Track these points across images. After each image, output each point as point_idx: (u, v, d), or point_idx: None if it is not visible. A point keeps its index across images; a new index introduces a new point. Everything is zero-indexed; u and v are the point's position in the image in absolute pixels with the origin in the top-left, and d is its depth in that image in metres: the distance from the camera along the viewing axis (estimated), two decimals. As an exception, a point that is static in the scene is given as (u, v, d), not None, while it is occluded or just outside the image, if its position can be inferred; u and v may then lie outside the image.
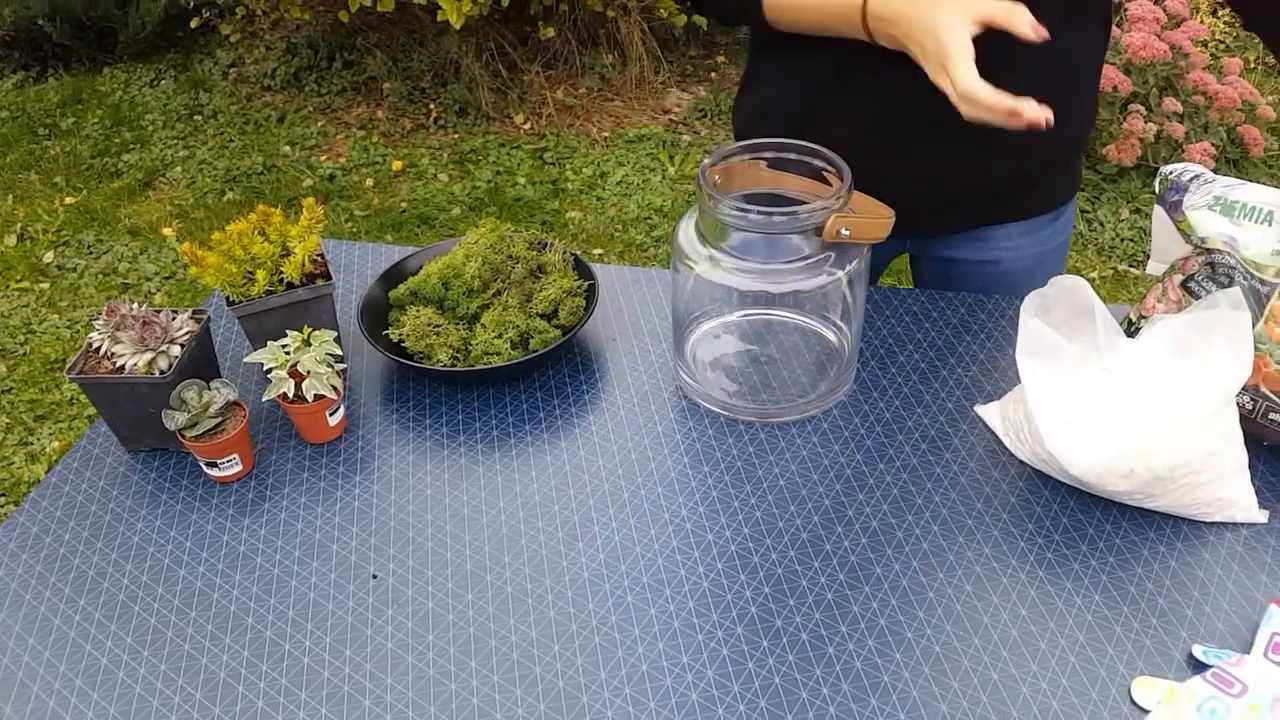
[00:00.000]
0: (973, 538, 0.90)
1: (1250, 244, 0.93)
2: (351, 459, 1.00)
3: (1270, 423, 0.94)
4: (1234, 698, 0.77)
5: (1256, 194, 0.95)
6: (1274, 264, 0.92)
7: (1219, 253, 0.95)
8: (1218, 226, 0.95)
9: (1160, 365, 0.90)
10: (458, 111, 3.63)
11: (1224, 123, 3.24)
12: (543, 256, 1.13)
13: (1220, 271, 0.95)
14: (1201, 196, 0.97)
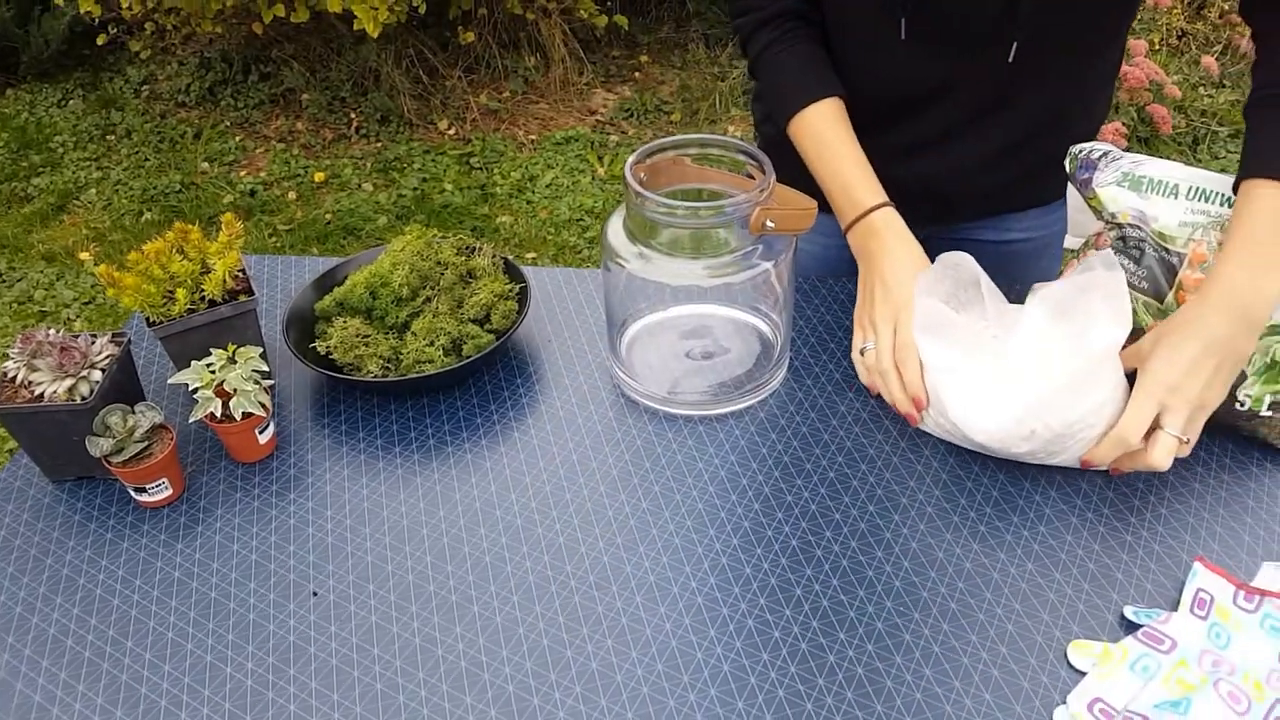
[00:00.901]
0: (907, 515, 0.92)
1: (1158, 217, 0.96)
2: (285, 476, 0.99)
3: None
4: (1164, 654, 0.79)
5: (1162, 169, 0.98)
6: (1182, 235, 0.95)
7: (1130, 226, 0.98)
8: (1127, 201, 0.98)
9: (1046, 329, 0.94)
10: (379, 120, 3.59)
11: (1133, 103, 3.33)
12: (472, 261, 1.12)
13: (1131, 244, 0.98)
14: (1110, 173, 1.00)
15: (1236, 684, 0.77)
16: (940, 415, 0.95)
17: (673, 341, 1.10)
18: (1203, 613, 0.82)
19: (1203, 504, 0.93)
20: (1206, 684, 0.77)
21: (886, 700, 0.77)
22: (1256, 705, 0.75)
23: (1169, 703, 0.76)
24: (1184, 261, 0.95)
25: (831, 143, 1.09)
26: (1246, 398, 0.94)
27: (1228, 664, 0.78)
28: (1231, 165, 3.46)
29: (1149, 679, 0.78)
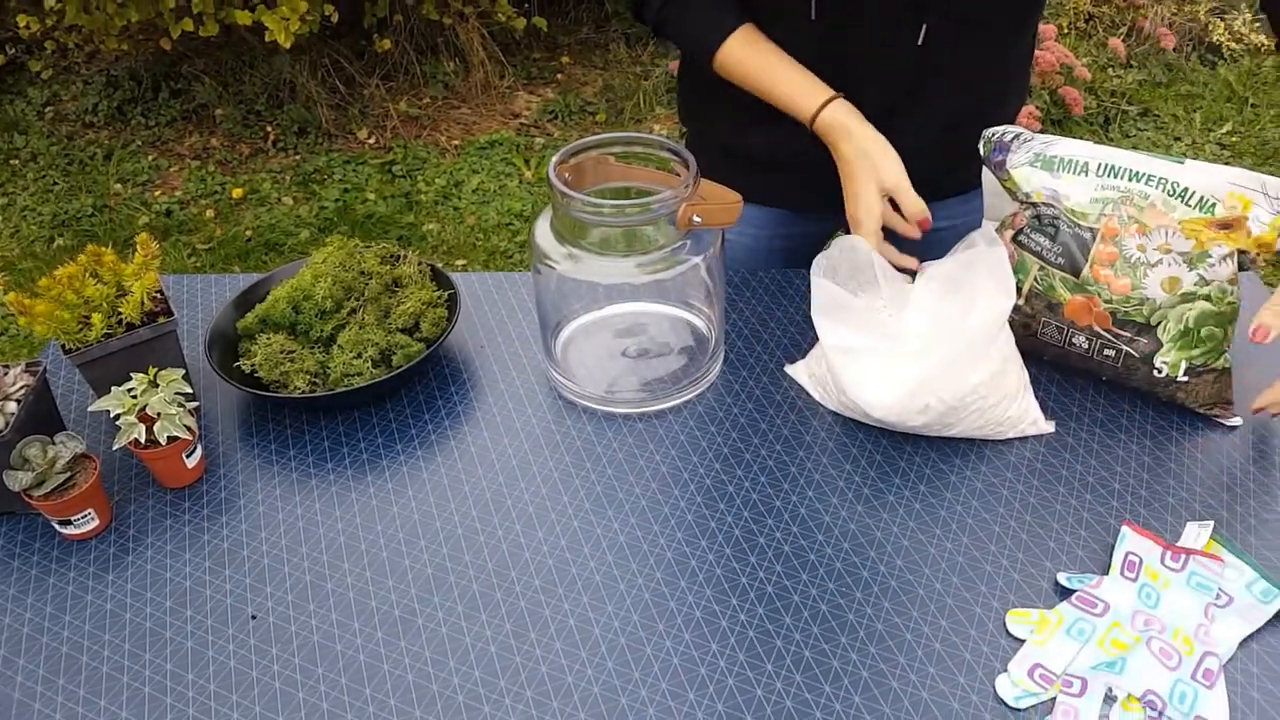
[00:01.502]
0: (845, 498, 0.93)
1: (1071, 195, 0.99)
2: (215, 500, 0.97)
3: (1105, 359, 1.00)
4: (1098, 617, 0.82)
5: (1072, 148, 1.01)
6: (1094, 211, 0.98)
7: (1044, 205, 1.01)
8: (1040, 181, 1.01)
9: (936, 306, 0.98)
10: (297, 132, 3.53)
11: (1045, 86, 3.41)
12: (397, 270, 1.11)
13: (1046, 223, 1.00)
14: (1023, 155, 1.02)
15: (1167, 641, 0.79)
16: (841, 394, 0.98)
17: (608, 341, 1.10)
18: (1132, 574, 0.84)
19: (1127, 470, 0.96)
20: (1139, 643, 0.79)
21: (834, 680, 0.78)
22: (1186, 660, 0.78)
23: (1105, 663, 0.78)
24: (1096, 236, 0.97)
25: (764, 63, 1.10)
26: (1164, 364, 0.98)
27: (1159, 622, 0.81)
28: (1143, 143, 3.57)
29: (1085, 642, 0.80)
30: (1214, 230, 0.93)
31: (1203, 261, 0.94)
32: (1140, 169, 0.96)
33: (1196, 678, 0.77)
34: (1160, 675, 0.77)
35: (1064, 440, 0.99)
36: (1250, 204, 0.93)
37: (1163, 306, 0.96)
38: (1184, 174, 0.95)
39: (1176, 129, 3.67)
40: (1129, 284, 0.96)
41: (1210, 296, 0.95)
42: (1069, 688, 0.77)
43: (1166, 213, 0.95)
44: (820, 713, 0.76)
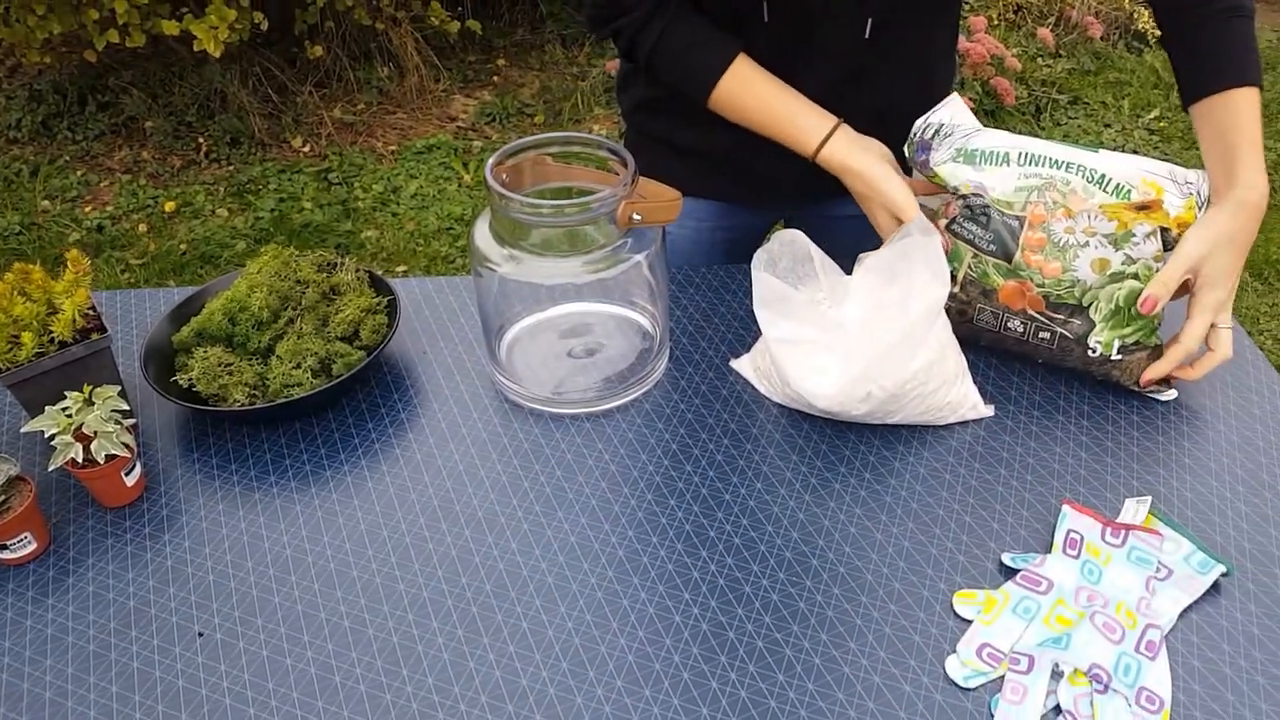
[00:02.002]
0: (793, 488, 0.94)
1: (996, 186, 1.01)
2: (157, 517, 0.95)
3: (1041, 342, 1.02)
4: (1043, 595, 0.83)
5: (992, 140, 1.03)
6: (1019, 199, 1.00)
7: (973, 196, 1.02)
8: (965, 175, 1.03)
9: (874, 296, 1.00)
10: (229, 142, 3.47)
11: (977, 77, 3.48)
12: (334, 277, 1.09)
13: (978, 212, 1.02)
14: (946, 151, 1.04)
15: (1110, 615, 0.81)
16: (785, 386, 0.99)
17: (552, 342, 1.09)
18: (1074, 552, 0.86)
19: (1065, 450, 0.98)
20: (1084, 618, 0.81)
21: (787, 669, 0.79)
22: (1129, 632, 0.80)
23: (1051, 640, 0.80)
24: (1024, 223, 1.00)
25: (758, 102, 1.10)
26: (1097, 344, 1.00)
27: (1101, 597, 0.83)
28: (1074, 130, 3.65)
29: (1031, 620, 0.81)
30: (1135, 211, 0.96)
31: (1127, 241, 0.97)
32: (1059, 157, 0.99)
33: (1140, 650, 0.79)
34: (1105, 649, 0.79)
35: (1003, 423, 1.01)
36: (1162, 190, 0.96)
37: (1093, 287, 0.99)
38: (1099, 162, 0.98)
39: (1106, 116, 3.75)
40: (1059, 267, 0.99)
41: (1138, 275, 0.98)
42: (1017, 665, 0.78)
43: (1087, 198, 0.97)
44: (774, 701, 0.77)
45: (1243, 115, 0.98)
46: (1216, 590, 0.84)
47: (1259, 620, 0.82)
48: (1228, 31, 1.01)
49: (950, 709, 0.76)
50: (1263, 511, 0.92)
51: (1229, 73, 0.99)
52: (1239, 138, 0.98)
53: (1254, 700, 0.77)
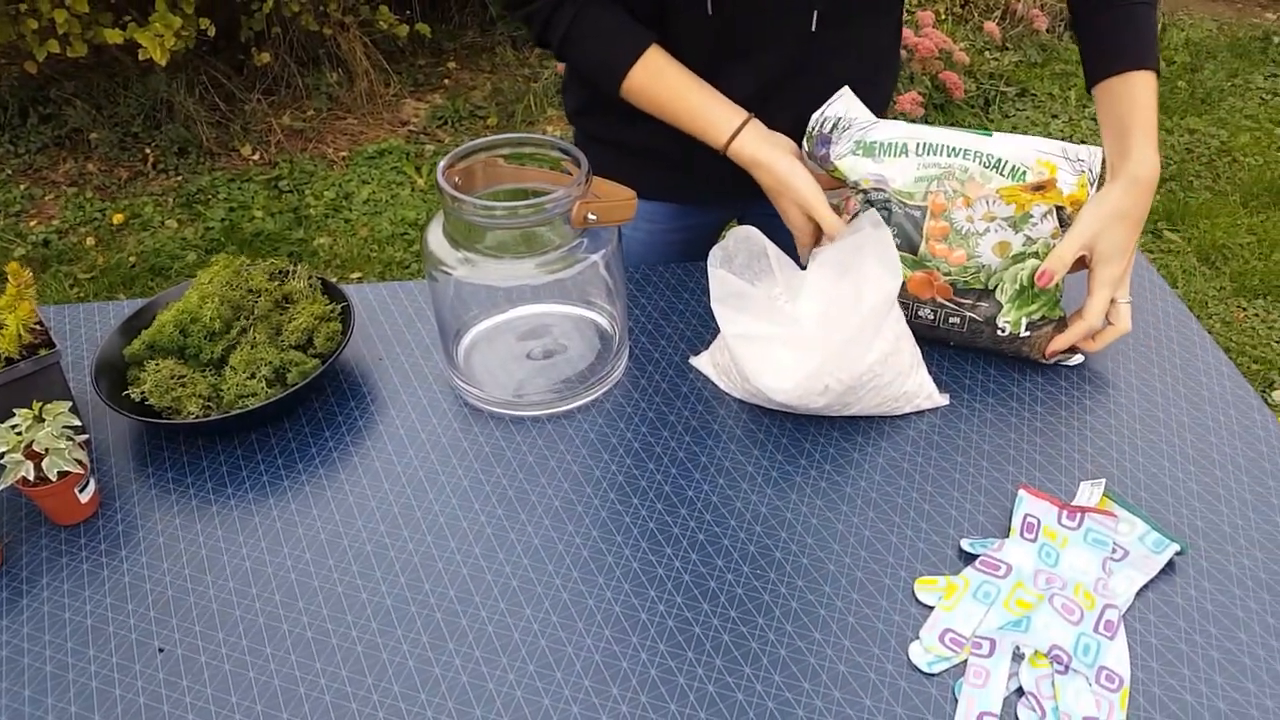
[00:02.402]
0: (755, 482, 0.95)
1: (896, 177, 1.03)
2: (113, 534, 0.93)
3: (952, 326, 1.05)
4: (1002, 579, 0.85)
5: (890, 131, 1.04)
6: (920, 189, 1.02)
7: (874, 190, 1.04)
8: (865, 168, 1.04)
9: (829, 290, 1.01)
10: (177, 152, 3.42)
11: (926, 72, 3.51)
12: (287, 286, 1.08)
13: (879, 206, 1.04)
14: (845, 145, 1.05)
15: (1068, 596, 0.82)
16: (744, 381, 1.00)
17: (511, 344, 1.09)
18: (1031, 536, 0.87)
19: (1020, 436, 0.99)
20: (1042, 601, 0.82)
21: (754, 661, 0.79)
22: (1088, 613, 0.81)
23: (1011, 623, 0.81)
24: (926, 213, 1.01)
25: (670, 93, 1.10)
26: (1006, 324, 1.02)
27: (1059, 579, 0.84)
28: (1022, 122, 3.70)
29: (991, 604, 0.83)
30: (1030, 193, 0.99)
31: (1026, 223, 0.99)
32: (955, 144, 1.01)
33: (1098, 630, 0.80)
34: (1064, 630, 0.80)
35: (959, 411, 1.02)
36: (1055, 169, 0.99)
37: (998, 270, 1.01)
38: (994, 146, 1.01)
39: (1053, 107, 3.81)
40: (964, 254, 1.01)
41: (1038, 254, 1.01)
42: (979, 649, 0.79)
43: (984, 183, 1.00)
44: (741, 694, 0.77)
45: (1138, 96, 1.02)
46: (1171, 569, 0.86)
47: (1212, 596, 0.84)
48: (1130, 17, 1.04)
49: (915, 694, 0.77)
50: (1214, 490, 0.94)
51: (1129, 56, 1.03)
52: (1134, 118, 1.01)
53: (1209, 674, 0.78)
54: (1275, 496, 0.93)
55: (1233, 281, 2.90)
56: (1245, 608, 0.83)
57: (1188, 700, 0.77)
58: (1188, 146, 3.57)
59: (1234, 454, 0.97)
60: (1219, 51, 4.24)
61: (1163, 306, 1.16)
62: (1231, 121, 3.71)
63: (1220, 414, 1.02)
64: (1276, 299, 2.83)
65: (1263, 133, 3.64)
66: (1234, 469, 0.96)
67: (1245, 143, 3.57)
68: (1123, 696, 0.76)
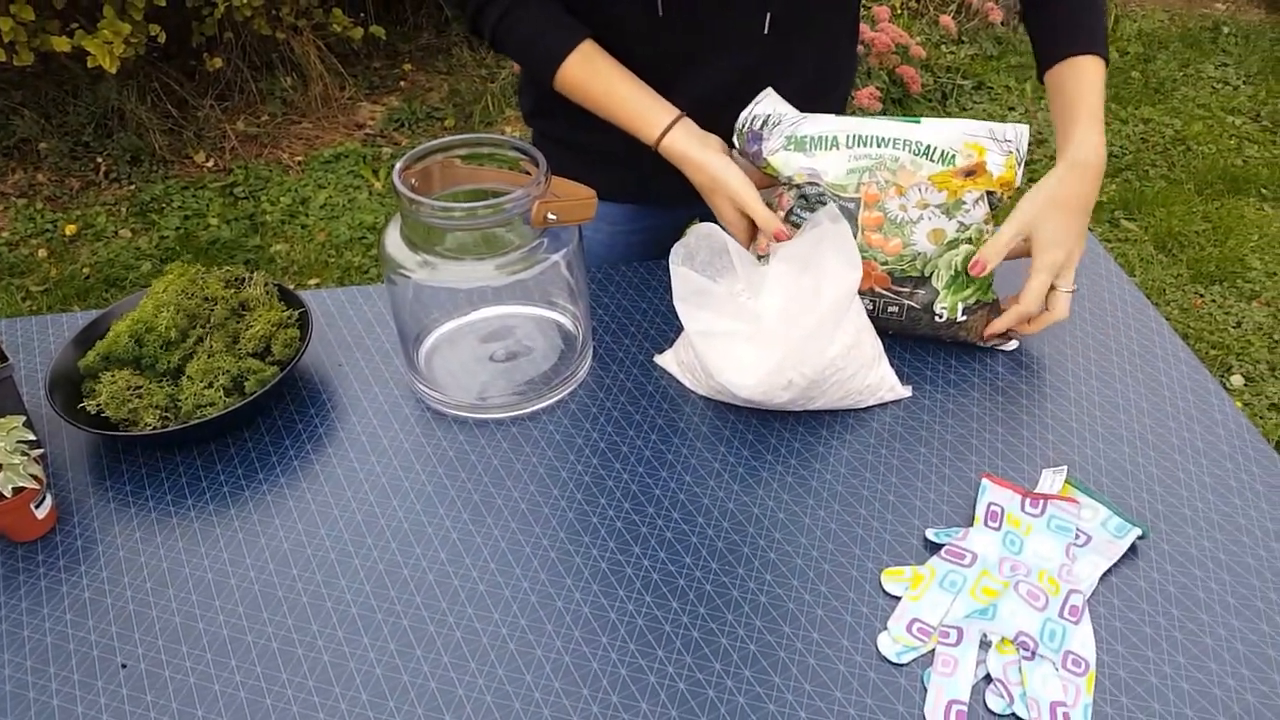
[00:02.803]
0: (721, 479, 0.95)
1: (828, 170, 1.03)
2: (71, 549, 0.92)
3: (890, 315, 1.06)
4: (967, 568, 0.85)
5: (820, 125, 1.05)
6: (852, 181, 1.02)
7: (807, 185, 1.04)
8: (798, 163, 1.04)
9: (790, 285, 1.01)
10: (130, 161, 3.37)
11: (884, 66, 3.53)
12: (243, 293, 1.07)
13: (813, 200, 1.04)
14: (776, 140, 1.06)
15: (1033, 583, 0.83)
16: (709, 378, 1.00)
17: (473, 347, 1.08)
18: (995, 524, 0.88)
19: (982, 425, 1.00)
20: (1008, 588, 0.83)
21: (724, 657, 0.79)
22: (1053, 599, 0.82)
23: (978, 611, 0.81)
24: (860, 205, 1.02)
25: (603, 87, 1.10)
26: (943, 309, 1.03)
27: (1024, 566, 0.85)
28: (979, 114, 3.73)
29: (957, 593, 0.83)
30: (961, 178, 0.99)
31: (959, 209, 1.00)
32: (884, 134, 1.02)
33: (1063, 615, 0.81)
34: (1030, 616, 0.81)
35: (921, 403, 1.03)
36: (984, 150, 1.00)
37: (933, 258, 1.02)
38: (923, 133, 1.01)
39: (1009, 99, 3.85)
40: (900, 243, 1.02)
41: (971, 239, 1.02)
42: (946, 638, 0.80)
43: (915, 171, 1.00)
44: (713, 691, 0.77)
45: (1085, 81, 1.03)
46: (1134, 553, 0.87)
47: (1174, 579, 0.85)
48: (1079, 6, 1.06)
49: (884, 685, 0.77)
50: (1174, 474, 0.95)
51: (1078, 42, 1.04)
52: (1080, 102, 1.02)
53: (1173, 655, 0.79)
54: (1233, 479, 0.94)
55: (1189, 268, 2.94)
56: (1206, 589, 0.84)
57: (1152, 682, 0.78)
58: (1142, 136, 3.62)
59: (1192, 439, 0.99)
60: (1171, 42, 4.30)
61: (1120, 294, 1.18)
62: (1185, 110, 3.77)
63: (1179, 399, 1.03)
64: (1232, 285, 2.88)
65: (1215, 121, 3.70)
66: (1193, 453, 0.97)
67: (1198, 131, 3.63)
68: (1089, 680, 0.77)
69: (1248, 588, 0.84)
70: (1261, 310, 2.78)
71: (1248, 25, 4.44)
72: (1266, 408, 2.46)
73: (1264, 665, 0.79)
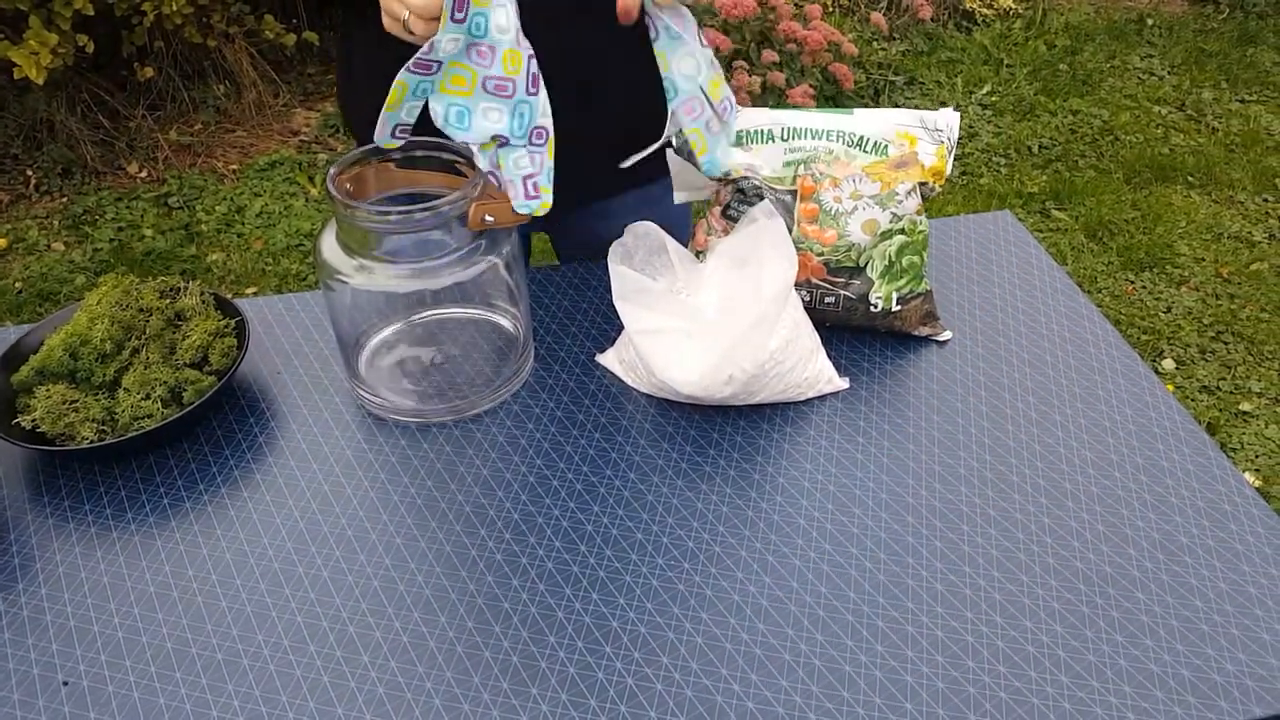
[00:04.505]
0: (665, 475, 0.96)
1: (765, 164, 1.05)
2: (9, 567, 0.90)
3: (827, 306, 1.08)
4: (435, 75, 0.90)
5: (754, 118, 1.06)
6: (788, 174, 1.04)
7: (744, 179, 1.06)
8: (735, 159, 1.06)
9: (728, 281, 1.02)
10: (61, 173, 3.29)
11: (816, 64, 3.57)
12: (178, 303, 1.05)
13: (750, 195, 1.06)
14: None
15: (499, 75, 0.89)
16: (650, 375, 1.01)
17: (413, 351, 1.08)
18: (461, 15, 0.88)
19: (919, 414, 1.02)
20: (476, 81, 0.90)
21: (671, 651, 0.80)
22: (518, 79, 0.89)
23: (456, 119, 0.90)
24: (796, 197, 1.04)
25: None
26: (878, 299, 1.06)
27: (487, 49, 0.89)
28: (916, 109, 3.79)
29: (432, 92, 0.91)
30: (894, 170, 1.02)
31: (892, 200, 1.03)
32: (818, 126, 1.04)
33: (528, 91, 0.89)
34: (501, 114, 0.91)
35: (859, 394, 1.04)
36: (915, 140, 1.02)
37: (867, 248, 1.04)
38: (855, 124, 1.04)
39: (941, 94, 3.92)
40: (835, 234, 1.04)
41: (904, 230, 1.04)
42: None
43: (849, 163, 1.03)
44: (660, 685, 0.78)
45: None
46: (1070, 535, 0.90)
47: (1110, 559, 0.88)
48: None
49: (829, 672, 0.79)
50: (1107, 457, 0.98)
51: None
52: None
53: (1110, 634, 0.82)
54: (1164, 460, 0.97)
55: (1119, 256, 3.02)
56: (1141, 568, 0.87)
57: (1090, 660, 0.80)
58: (1071, 127, 3.70)
59: (1124, 422, 1.02)
60: (1097, 34, 4.41)
61: (1052, 283, 1.21)
62: (1112, 101, 3.86)
63: (1110, 383, 1.06)
64: (1162, 271, 2.96)
65: (1142, 111, 3.80)
66: (1125, 435, 1.00)
67: (1126, 121, 3.72)
68: (549, 146, 0.90)
69: (1181, 565, 0.87)
70: (1190, 295, 2.86)
71: (1171, 17, 4.56)
72: (1197, 390, 2.53)
73: (1198, 640, 0.81)
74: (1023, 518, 0.91)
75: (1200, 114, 3.79)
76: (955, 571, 0.87)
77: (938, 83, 3.98)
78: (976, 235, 1.28)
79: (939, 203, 3.03)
